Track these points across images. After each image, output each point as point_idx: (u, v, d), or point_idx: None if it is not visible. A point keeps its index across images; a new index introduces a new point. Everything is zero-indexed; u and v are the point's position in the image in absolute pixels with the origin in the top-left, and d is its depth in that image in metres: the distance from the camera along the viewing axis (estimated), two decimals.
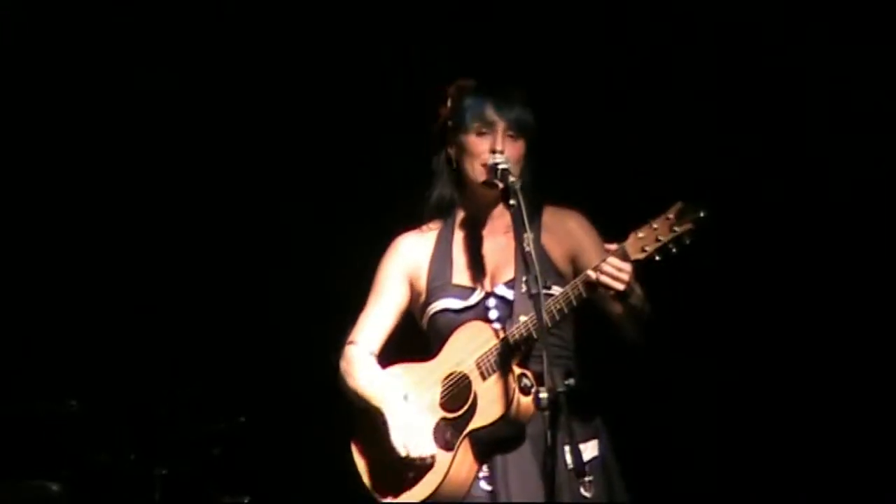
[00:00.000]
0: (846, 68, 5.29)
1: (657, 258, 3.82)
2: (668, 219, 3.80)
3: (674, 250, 3.80)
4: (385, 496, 4.10)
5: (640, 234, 3.83)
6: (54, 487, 5.45)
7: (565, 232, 4.18)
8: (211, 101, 5.83)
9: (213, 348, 5.85)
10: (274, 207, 5.88)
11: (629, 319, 4.01)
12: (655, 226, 3.81)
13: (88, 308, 5.89)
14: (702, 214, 3.77)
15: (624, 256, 3.83)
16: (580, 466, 3.87)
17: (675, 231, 3.79)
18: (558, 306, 3.90)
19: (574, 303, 3.90)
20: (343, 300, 4.45)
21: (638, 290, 3.93)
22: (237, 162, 5.89)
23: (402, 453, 4.02)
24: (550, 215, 4.21)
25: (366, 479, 4.15)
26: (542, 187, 4.17)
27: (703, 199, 3.79)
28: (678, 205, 3.80)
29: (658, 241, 3.80)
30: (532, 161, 4.16)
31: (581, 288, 3.89)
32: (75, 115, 5.88)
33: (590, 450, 4.04)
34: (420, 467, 4.04)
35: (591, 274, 3.86)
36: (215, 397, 5.69)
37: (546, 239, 4.15)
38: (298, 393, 5.68)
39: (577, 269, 4.09)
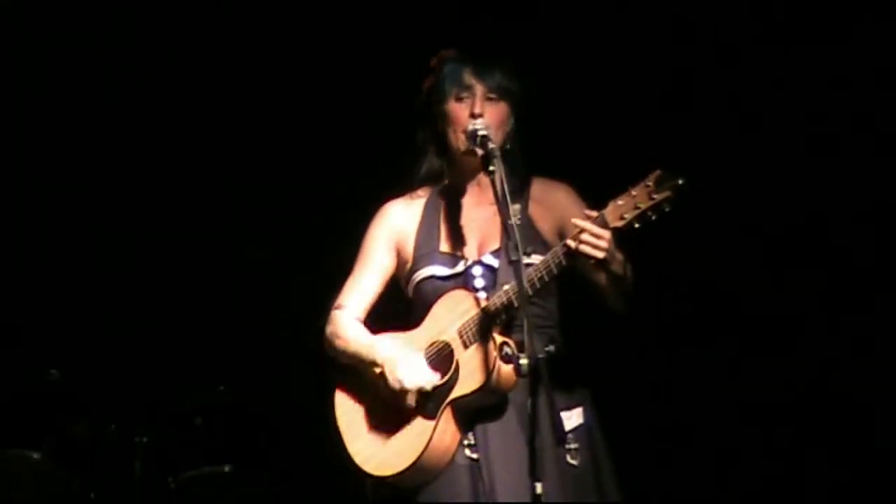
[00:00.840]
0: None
1: (636, 225, 3.80)
2: (647, 186, 3.79)
3: (653, 217, 3.79)
4: (367, 465, 4.08)
5: (619, 202, 3.82)
6: (35, 456, 5.46)
7: (553, 203, 4.17)
8: (203, 93, 5.83)
9: (194, 318, 5.86)
10: (255, 179, 5.88)
11: (611, 287, 3.99)
12: (634, 193, 3.80)
13: (69, 278, 5.89)
14: (680, 182, 3.76)
15: (603, 224, 3.82)
16: (561, 433, 3.85)
17: (653, 199, 3.77)
18: (538, 274, 3.88)
19: (554, 271, 3.88)
20: (326, 267, 4.44)
21: (619, 256, 3.91)
22: (218, 138, 5.89)
23: (398, 386, 3.99)
24: (539, 187, 4.19)
25: (349, 448, 4.12)
26: (531, 159, 4.16)
27: (681, 167, 3.78)
28: (657, 172, 3.79)
29: (637, 208, 3.79)
30: (520, 130, 4.15)
31: (560, 256, 3.88)
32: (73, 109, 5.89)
33: (574, 418, 4.03)
34: (409, 420, 4.01)
35: (571, 242, 3.85)
36: (196, 366, 5.70)
37: (534, 210, 4.14)
38: (279, 361, 5.69)
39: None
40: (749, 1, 5.35)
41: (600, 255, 3.83)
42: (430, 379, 3.99)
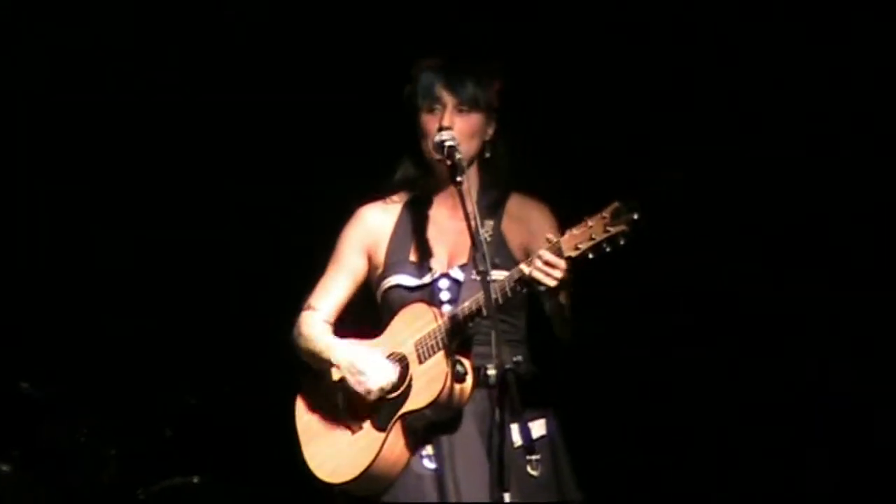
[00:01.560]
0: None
1: (590, 256, 3.80)
2: (602, 218, 3.79)
3: (607, 249, 3.79)
4: (319, 470, 4.11)
5: (575, 232, 3.82)
6: (4, 468, 5.44)
7: (526, 221, 4.18)
8: (203, 93, 5.83)
9: (165, 329, 5.85)
10: (229, 184, 5.89)
11: (556, 315, 4.02)
12: (591, 223, 3.80)
13: (41, 289, 5.87)
14: (636, 217, 3.76)
15: (557, 251, 3.83)
16: (529, 443, 3.86)
17: (608, 231, 3.77)
18: (494, 295, 3.86)
19: (509, 294, 3.89)
20: (297, 278, 4.44)
21: (569, 290, 3.93)
22: (218, 138, 5.89)
23: (361, 388, 4.01)
24: (516, 203, 4.21)
25: (304, 452, 4.15)
26: (518, 170, 4.18)
27: (640, 199, 3.78)
28: (614, 204, 3.79)
29: (592, 239, 3.79)
30: (501, 141, 4.16)
31: (513, 280, 3.89)
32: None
33: (537, 428, 4.04)
34: (363, 427, 4.03)
35: (525, 268, 3.86)
36: (167, 378, 5.70)
37: (507, 226, 4.16)
38: (249, 373, 5.68)
39: None
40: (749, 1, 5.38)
41: (552, 283, 3.84)
42: (390, 377, 4.01)
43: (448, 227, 4.19)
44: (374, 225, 4.26)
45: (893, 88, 5.24)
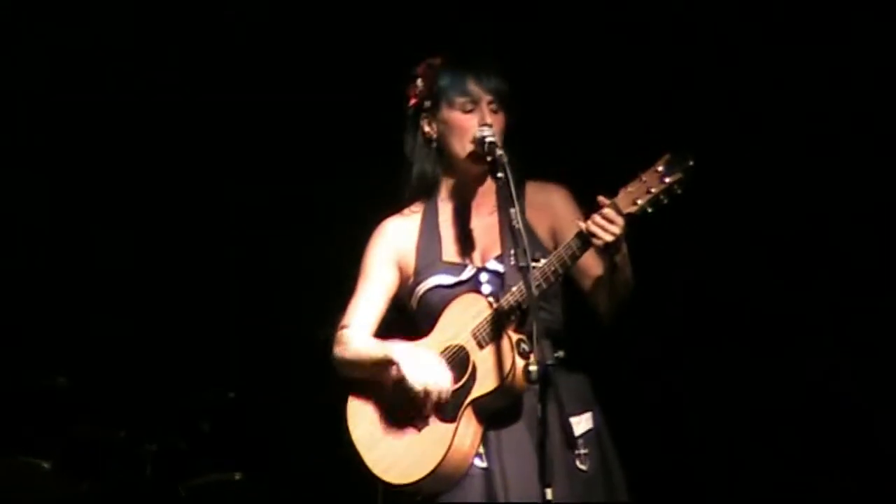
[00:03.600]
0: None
1: (649, 210, 3.80)
2: (657, 171, 3.80)
3: (665, 201, 3.80)
4: (388, 474, 4.05)
5: (630, 189, 3.82)
6: (45, 465, 5.46)
7: (548, 206, 4.17)
8: (203, 93, 5.84)
9: (203, 323, 5.86)
10: (263, 182, 5.89)
11: (609, 283, 3.99)
12: (645, 178, 3.81)
13: (78, 284, 5.89)
14: (691, 163, 3.77)
15: (616, 211, 3.82)
16: (571, 439, 3.88)
17: (664, 182, 3.78)
18: (552, 268, 3.89)
19: (568, 262, 3.89)
20: (332, 275, 4.44)
21: (625, 250, 3.90)
22: (221, 141, 5.89)
23: (419, 387, 3.96)
24: (534, 190, 4.18)
25: (366, 459, 4.09)
26: (525, 162, 4.13)
27: (690, 148, 3.78)
28: (666, 156, 3.80)
29: (649, 192, 3.80)
30: (511, 132, 4.13)
31: (574, 245, 3.88)
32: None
33: (583, 423, 4.02)
34: (428, 422, 3.99)
35: (582, 224, 3.85)
36: (204, 371, 5.71)
37: (531, 214, 4.12)
38: (288, 367, 5.69)
39: (557, 244, 4.08)
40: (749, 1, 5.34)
41: (610, 237, 3.82)
42: (448, 385, 3.97)
43: (475, 222, 4.19)
44: (398, 236, 4.24)
45: (893, 88, 5.21)
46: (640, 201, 3.81)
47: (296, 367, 5.54)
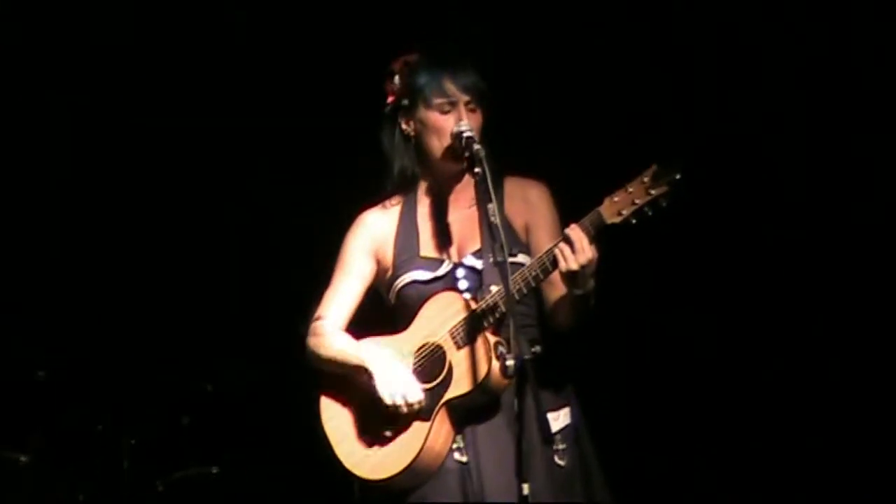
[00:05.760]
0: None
1: (633, 221, 3.80)
2: (643, 182, 3.79)
3: (650, 213, 3.79)
4: (358, 468, 4.07)
5: (616, 198, 3.82)
6: (23, 458, 5.46)
7: (525, 202, 4.17)
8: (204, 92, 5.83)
9: (182, 317, 5.86)
10: (247, 178, 5.89)
11: (570, 303, 3.97)
12: (631, 189, 3.80)
13: (58, 278, 5.89)
14: (677, 177, 3.76)
15: (599, 223, 3.82)
16: (547, 434, 3.89)
17: (650, 194, 3.78)
18: (524, 280, 3.88)
19: (541, 276, 3.89)
20: (310, 270, 4.43)
21: (591, 284, 3.88)
22: (214, 138, 5.89)
23: (390, 401, 3.99)
24: (512, 185, 4.19)
25: (338, 451, 4.11)
26: (503, 158, 4.13)
27: (677, 160, 3.76)
28: (653, 167, 3.79)
29: (634, 203, 3.79)
30: (489, 130, 4.14)
31: (546, 260, 3.87)
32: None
33: (561, 418, 4.04)
34: (401, 425, 4.00)
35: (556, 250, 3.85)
36: (183, 366, 5.71)
37: (509, 209, 4.13)
38: (266, 361, 5.69)
39: (530, 240, 4.11)
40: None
41: (575, 266, 3.80)
42: (419, 398, 3.99)
43: (452, 217, 4.20)
44: (377, 228, 4.25)
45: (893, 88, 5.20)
46: (624, 212, 3.80)
47: (273, 360, 5.54)
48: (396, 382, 4.00)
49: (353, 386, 4.10)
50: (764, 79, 5.33)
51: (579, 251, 3.81)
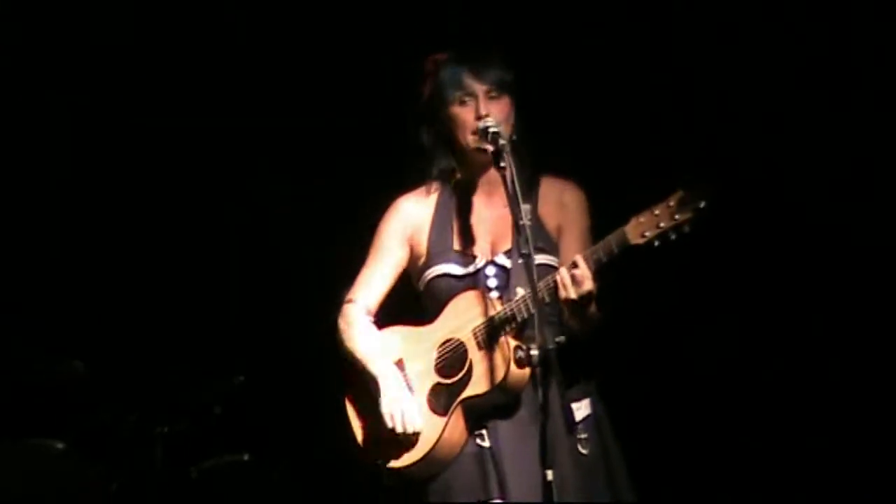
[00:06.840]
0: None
1: (656, 244, 3.86)
2: (669, 206, 3.85)
3: (673, 237, 3.85)
4: (376, 457, 4.17)
5: (641, 219, 3.88)
6: (59, 446, 5.51)
7: (559, 205, 4.23)
8: (204, 91, 5.87)
9: (213, 307, 5.91)
10: (273, 170, 5.94)
11: (573, 320, 4.07)
12: (657, 212, 3.86)
13: (92, 269, 5.94)
14: (702, 205, 3.82)
15: (623, 243, 3.89)
16: (571, 423, 3.98)
17: (675, 219, 3.83)
18: (541, 295, 3.93)
19: (547, 299, 3.97)
20: (342, 257, 4.50)
21: (589, 310, 3.98)
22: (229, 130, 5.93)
23: (390, 425, 4.09)
24: (548, 185, 4.24)
25: (358, 438, 4.21)
26: (540, 158, 4.21)
27: (703, 186, 3.82)
28: (679, 193, 3.85)
29: (659, 227, 3.85)
30: (523, 125, 4.20)
31: (550, 286, 3.97)
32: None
33: (583, 408, 4.12)
34: (404, 439, 4.10)
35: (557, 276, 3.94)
36: (214, 355, 5.76)
37: (543, 209, 4.20)
38: (297, 350, 5.73)
39: (560, 244, 4.18)
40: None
41: (573, 295, 3.91)
42: (415, 429, 4.08)
43: (486, 213, 4.25)
44: (413, 215, 4.30)
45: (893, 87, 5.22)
46: (648, 234, 3.87)
47: (304, 349, 5.58)
48: (399, 407, 4.08)
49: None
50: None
51: (579, 282, 3.90)
